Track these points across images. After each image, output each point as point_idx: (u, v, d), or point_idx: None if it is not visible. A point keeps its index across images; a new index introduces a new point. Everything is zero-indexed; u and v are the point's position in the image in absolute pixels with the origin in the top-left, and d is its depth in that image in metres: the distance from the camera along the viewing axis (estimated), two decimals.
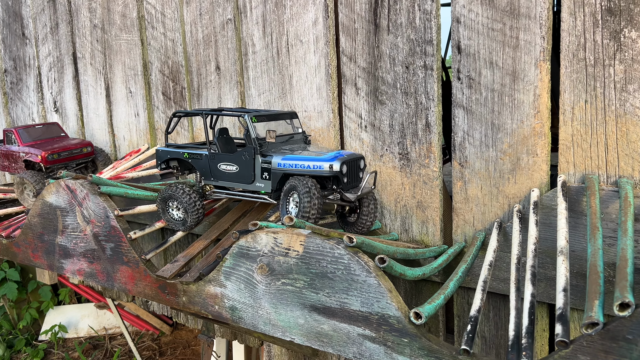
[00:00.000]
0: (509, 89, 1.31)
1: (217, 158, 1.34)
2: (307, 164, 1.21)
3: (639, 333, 0.72)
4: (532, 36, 1.25)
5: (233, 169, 1.31)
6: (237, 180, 1.32)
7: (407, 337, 0.93)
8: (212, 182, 1.37)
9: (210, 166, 1.35)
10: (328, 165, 1.20)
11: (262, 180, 1.27)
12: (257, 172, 1.28)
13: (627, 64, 1.15)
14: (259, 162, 1.27)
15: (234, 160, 1.31)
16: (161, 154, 1.45)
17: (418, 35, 1.42)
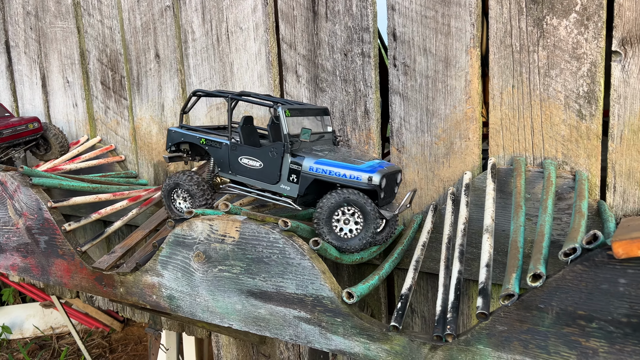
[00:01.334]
0: (442, 75, 1.34)
1: (240, 150, 1.20)
2: (343, 172, 1.07)
3: (549, 302, 0.76)
4: (463, 23, 1.29)
5: (256, 164, 1.17)
6: (259, 178, 1.17)
7: (341, 317, 0.95)
8: (229, 176, 1.23)
9: (230, 158, 1.21)
10: (367, 177, 1.05)
11: (289, 183, 1.13)
12: (284, 172, 1.14)
13: (549, 50, 1.20)
14: (287, 161, 1.13)
15: (259, 155, 1.17)
16: (174, 135, 1.29)
17: (355, 22, 1.44)
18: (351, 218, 1.05)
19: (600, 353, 0.74)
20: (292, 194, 1.13)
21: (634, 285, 0.70)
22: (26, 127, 1.86)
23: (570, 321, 0.75)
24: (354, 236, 1.05)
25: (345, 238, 1.05)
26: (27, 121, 1.88)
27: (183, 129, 1.30)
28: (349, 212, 1.05)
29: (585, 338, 0.74)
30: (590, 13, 1.14)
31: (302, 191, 1.11)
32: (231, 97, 1.22)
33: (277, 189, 1.15)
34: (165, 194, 1.26)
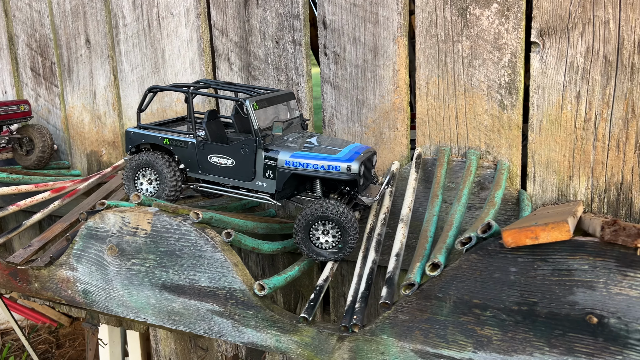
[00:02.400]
0: (371, 65, 1.33)
1: (208, 148, 1.12)
2: (321, 164, 1.04)
3: (447, 291, 0.77)
4: (390, 12, 1.28)
5: (228, 162, 1.10)
6: (232, 176, 1.11)
7: (252, 310, 0.94)
8: (199, 176, 1.14)
9: (199, 157, 1.13)
10: (346, 166, 1.03)
11: (265, 179, 1.08)
12: (258, 169, 1.08)
13: (472, 40, 1.20)
14: (261, 157, 1.07)
15: (230, 152, 1.10)
16: (133, 137, 1.19)
17: (286, 9, 1.41)
18: (330, 231, 1.03)
19: (494, 341, 0.75)
20: (269, 190, 1.08)
21: (524, 273, 0.71)
22: (17, 108, 1.73)
23: (467, 310, 0.76)
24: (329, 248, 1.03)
25: (321, 249, 1.03)
26: (18, 102, 1.74)
27: (141, 129, 1.20)
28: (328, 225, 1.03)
29: (480, 326, 0.75)
30: (511, 3, 1.15)
31: (279, 187, 1.07)
32: (191, 91, 1.14)
33: (252, 186, 1.09)
34: (131, 171, 1.16)
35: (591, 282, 0.67)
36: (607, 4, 1.07)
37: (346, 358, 0.86)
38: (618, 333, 0.67)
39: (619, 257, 0.65)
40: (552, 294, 0.70)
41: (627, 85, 1.08)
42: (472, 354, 0.76)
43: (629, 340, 0.66)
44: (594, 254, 0.66)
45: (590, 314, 0.68)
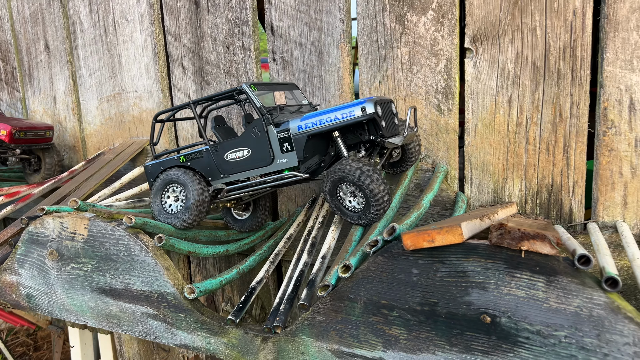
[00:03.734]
0: (317, 70, 1.36)
1: (222, 148, 1.08)
2: (334, 116, 0.98)
3: (358, 292, 0.80)
4: (333, 19, 1.31)
5: (244, 153, 1.06)
6: (252, 165, 1.06)
7: (184, 312, 0.96)
8: (222, 180, 1.10)
9: (216, 161, 1.09)
10: (360, 108, 0.96)
11: (284, 154, 1.02)
12: (274, 146, 1.03)
13: (410, 46, 1.23)
14: (273, 134, 1.02)
15: (243, 142, 1.06)
16: (152, 169, 1.16)
17: (235, 15, 1.43)
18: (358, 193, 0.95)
19: (402, 340, 0.78)
20: (292, 163, 1.02)
21: (424, 275, 0.74)
22: (45, 133, 1.69)
23: (376, 310, 0.79)
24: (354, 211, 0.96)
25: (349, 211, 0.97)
26: (46, 127, 1.70)
27: (156, 159, 1.18)
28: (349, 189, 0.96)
29: (389, 326, 0.78)
30: (445, 10, 1.18)
31: (301, 155, 1.01)
32: (192, 102, 1.12)
33: (275, 167, 1.04)
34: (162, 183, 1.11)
35: (484, 283, 0.70)
36: (533, 11, 1.10)
37: (270, 358, 0.89)
38: (509, 332, 0.70)
39: (507, 259, 0.68)
40: (450, 295, 0.73)
41: (554, 90, 1.11)
42: (382, 353, 0.79)
43: (518, 338, 0.69)
44: (485, 256, 0.70)
45: (484, 313, 0.71)
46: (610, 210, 1.10)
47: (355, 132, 1.02)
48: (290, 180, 1.03)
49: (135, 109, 1.66)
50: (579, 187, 1.12)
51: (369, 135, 1.00)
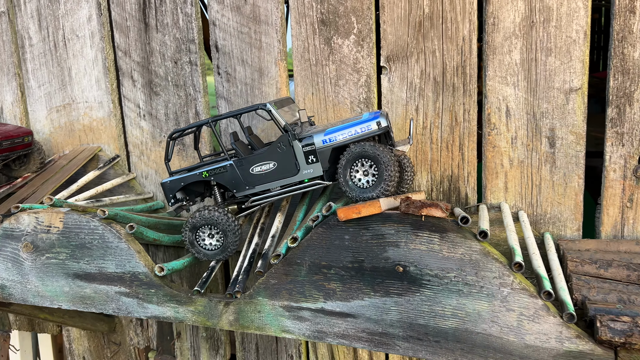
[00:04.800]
0: (258, 83, 1.57)
1: (247, 162, 1.18)
2: (354, 130, 1.13)
3: (304, 258, 1.01)
4: (271, 39, 1.53)
5: (270, 166, 1.17)
6: (278, 177, 1.17)
7: (154, 288, 1.13)
8: (247, 192, 1.19)
9: (242, 174, 1.18)
10: (375, 123, 1.13)
11: (310, 166, 1.15)
12: (299, 159, 1.15)
13: (337, 64, 1.48)
14: (299, 147, 1.15)
15: (269, 156, 1.17)
16: (171, 185, 1.22)
17: (182, 34, 1.62)
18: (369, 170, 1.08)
19: (338, 292, 1.00)
20: (317, 173, 1.15)
21: (354, 239, 0.97)
22: (22, 140, 1.65)
23: (317, 270, 1.01)
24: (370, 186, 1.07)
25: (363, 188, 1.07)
26: (23, 133, 1.66)
27: (175, 175, 1.25)
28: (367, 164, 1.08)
29: (328, 282, 1.01)
30: (364, 35, 1.44)
31: (326, 165, 1.14)
32: (211, 120, 1.23)
33: (300, 177, 1.16)
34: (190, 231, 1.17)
35: (397, 242, 0.95)
36: (433, 37, 1.38)
37: (231, 319, 1.09)
38: (415, 277, 0.95)
39: (412, 223, 0.93)
40: (373, 253, 0.97)
41: (450, 100, 1.40)
42: (323, 303, 1.02)
43: (422, 281, 0.94)
44: (397, 221, 0.94)
45: (398, 265, 0.95)
46: (495, 194, 1.40)
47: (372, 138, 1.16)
48: (314, 187, 1.17)
49: (85, 118, 1.78)
50: (472, 177, 1.41)
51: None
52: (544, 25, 1.29)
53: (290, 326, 1.04)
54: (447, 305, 0.93)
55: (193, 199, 1.28)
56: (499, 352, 0.91)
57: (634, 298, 0.95)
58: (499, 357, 0.91)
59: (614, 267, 1.10)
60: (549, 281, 0.91)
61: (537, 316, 0.88)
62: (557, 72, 1.30)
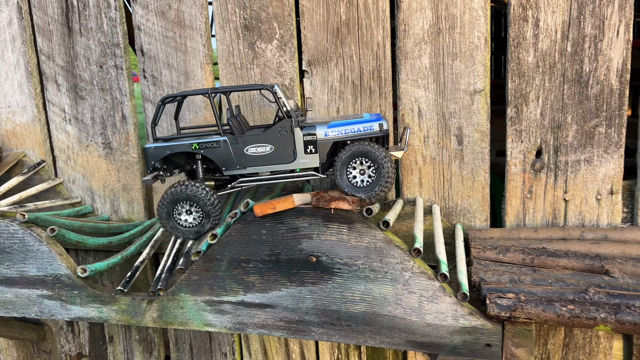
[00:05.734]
0: (184, 87, 1.60)
1: (243, 141, 1.14)
2: (357, 128, 1.14)
3: (223, 253, 1.06)
4: (196, 44, 1.57)
5: (267, 149, 1.13)
6: (273, 161, 1.14)
7: (77, 289, 1.15)
8: (237, 172, 1.15)
9: (235, 152, 1.14)
10: (378, 125, 1.15)
11: (307, 155, 1.13)
12: (298, 147, 1.13)
13: (261, 68, 1.54)
14: (299, 135, 1.13)
15: (267, 139, 1.14)
16: (155, 152, 1.16)
17: (107, 38, 1.62)
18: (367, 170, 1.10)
19: (257, 284, 1.06)
20: (313, 164, 1.14)
21: (271, 234, 1.03)
22: None
23: (237, 265, 1.06)
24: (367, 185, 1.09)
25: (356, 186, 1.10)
26: None
27: (160, 141, 1.20)
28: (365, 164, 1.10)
29: (247, 275, 1.06)
30: (286, 40, 1.50)
31: (324, 158, 1.14)
32: (211, 91, 1.19)
33: (295, 166, 1.14)
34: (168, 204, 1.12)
35: (310, 234, 1.01)
36: (350, 43, 1.47)
37: (155, 316, 1.12)
38: (327, 266, 1.01)
39: (323, 216, 1.00)
40: (288, 246, 1.03)
41: (368, 102, 1.48)
42: (243, 296, 1.07)
43: (334, 269, 1.01)
44: (309, 215, 1.01)
45: (311, 255, 1.02)
46: (411, 189, 1.49)
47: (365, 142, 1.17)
48: (306, 178, 1.15)
49: (8, 123, 1.75)
50: None
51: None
52: (449, 32, 1.40)
53: (213, 320, 1.09)
54: (356, 291, 1.00)
55: (171, 170, 1.22)
56: (403, 332, 0.99)
57: (523, 278, 1.06)
58: (403, 336, 0.99)
59: (511, 252, 1.21)
60: (447, 265, 1.00)
61: (435, 297, 0.96)
62: (462, 75, 1.41)
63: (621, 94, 1.33)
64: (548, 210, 1.42)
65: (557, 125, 1.38)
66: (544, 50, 1.35)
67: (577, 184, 1.39)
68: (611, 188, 1.37)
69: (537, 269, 1.14)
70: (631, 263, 1.16)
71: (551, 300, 0.93)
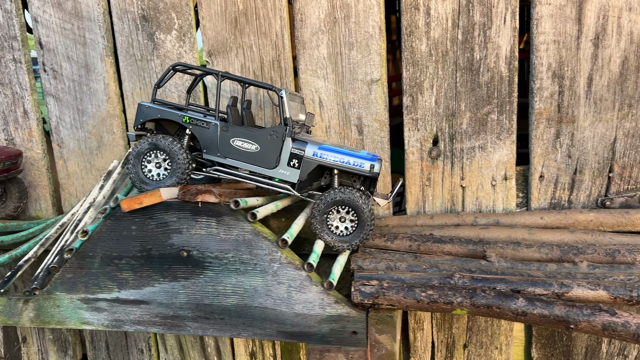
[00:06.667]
0: (85, 79, 1.56)
1: (232, 131, 1.12)
2: (347, 160, 1.09)
3: (95, 250, 1.04)
4: (95, 35, 1.53)
5: (252, 147, 1.11)
6: (254, 161, 1.11)
7: None
8: (216, 158, 1.13)
9: (220, 139, 1.12)
10: (369, 165, 1.09)
11: (289, 168, 1.10)
12: (283, 156, 1.10)
13: (162, 59, 1.51)
14: (288, 146, 1.10)
15: (256, 138, 1.11)
16: (147, 111, 1.16)
17: (4, 31, 1.56)
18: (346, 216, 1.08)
19: (130, 281, 1.04)
20: (291, 179, 1.11)
21: (141, 229, 1.01)
22: (14, 162, 1.49)
23: (110, 262, 1.04)
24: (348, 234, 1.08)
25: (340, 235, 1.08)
26: (15, 155, 1.47)
27: (157, 104, 1.19)
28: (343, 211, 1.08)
29: (120, 272, 1.04)
30: (185, 30, 1.48)
31: (303, 176, 1.10)
32: (221, 74, 1.17)
33: (273, 174, 1.11)
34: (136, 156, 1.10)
35: (179, 228, 1.00)
36: (249, 33, 1.45)
37: (32, 316, 1.09)
38: (199, 260, 1.01)
39: (192, 210, 0.99)
40: (159, 241, 1.01)
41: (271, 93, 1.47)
42: (118, 293, 1.05)
43: (205, 263, 1.00)
44: (178, 209, 0.99)
45: (182, 250, 1.01)
46: None
47: (352, 177, 1.15)
48: (276, 189, 1.12)
49: None
50: None
51: (361, 185, 1.14)
52: (345, 21, 1.40)
53: (89, 318, 1.07)
54: (228, 284, 1.00)
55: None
56: (274, 323, 0.99)
57: (399, 265, 1.07)
58: (274, 327, 0.99)
59: (399, 239, 1.22)
60: (318, 255, 1.01)
61: (303, 286, 0.97)
62: (359, 64, 1.41)
63: (510, 81, 1.35)
64: (446, 197, 1.44)
65: (451, 113, 1.39)
66: (436, 38, 1.36)
67: (473, 171, 1.41)
68: (505, 174, 1.40)
69: (418, 256, 1.15)
70: (511, 247, 1.18)
71: (412, 287, 0.94)
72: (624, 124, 1.33)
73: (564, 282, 0.96)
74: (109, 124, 1.58)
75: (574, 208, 1.39)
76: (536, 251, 1.17)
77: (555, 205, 1.40)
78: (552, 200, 1.40)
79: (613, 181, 1.36)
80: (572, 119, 1.34)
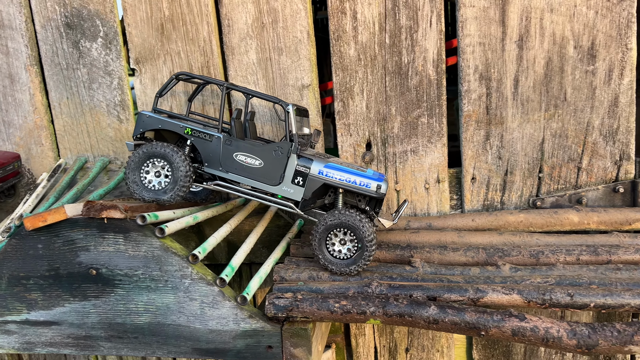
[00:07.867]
0: (10, 90, 1.51)
1: (235, 145, 1.07)
2: (353, 179, 1.05)
3: (1, 271, 1.00)
4: (18, 45, 1.47)
5: (255, 163, 1.06)
6: (257, 177, 1.07)
7: None
8: (218, 173, 1.08)
9: (223, 153, 1.07)
10: (376, 185, 1.05)
11: (293, 185, 1.06)
12: (287, 173, 1.06)
13: (88, 67, 1.46)
14: (293, 163, 1.06)
15: (260, 153, 1.06)
16: (148, 121, 1.11)
17: None
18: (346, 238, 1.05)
19: (39, 301, 1.00)
20: (295, 197, 1.07)
21: (47, 248, 0.97)
22: (13, 166, 1.42)
23: (17, 282, 1.00)
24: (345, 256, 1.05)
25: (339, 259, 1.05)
26: (13, 158, 1.41)
27: (157, 113, 1.14)
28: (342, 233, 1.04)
29: (29, 292, 1.00)
30: (111, 38, 1.43)
31: (308, 194, 1.06)
32: (226, 85, 1.12)
33: (277, 191, 1.07)
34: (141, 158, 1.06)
35: (87, 246, 0.96)
36: (176, 39, 1.42)
37: None
38: (108, 278, 0.97)
39: (98, 226, 0.95)
40: (67, 259, 0.97)
41: (201, 100, 1.44)
42: (27, 314, 1.01)
43: (115, 281, 0.97)
44: (84, 226, 0.96)
45: (91, 268, 0.97)
46: None
47: (357, 197, 1.11)
48: (280, 206, 1.08)
49: None
50: None
51: (366, 206, 1.10)
52: (273, 27, 1.38)
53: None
54: (140, 302, 0.97)
55: None
56: (189, 340, 0.96)
57: (322, 274, 1.06)
58: (189, 344, 0.97)
59: None
60: (233, 268, 0.98)
61: (216, 302, 0.94)
62: (289, 70, 1.39)
63: (439, 84, 1.34)
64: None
65: (382, 118, 1.38)
66: (364, 42, 1.35)
67: (406, 174, 1.40)
68: (438, 177, 1.39)
69: None
70: (438, 251, 1.18)
71: (327, 298, 0.92)
72: (551, 125, 1.34)
73: (479, 287, 0.96)
74: (37, 136, 1.52)
75: (506, 209, 1.39)
76: (462, 255, 1.16)
77: (489, 207, 1.40)
78: (485, 202, 1.40)
79: (543, 181, 1.37)
80: (500, 121, 1.35)
